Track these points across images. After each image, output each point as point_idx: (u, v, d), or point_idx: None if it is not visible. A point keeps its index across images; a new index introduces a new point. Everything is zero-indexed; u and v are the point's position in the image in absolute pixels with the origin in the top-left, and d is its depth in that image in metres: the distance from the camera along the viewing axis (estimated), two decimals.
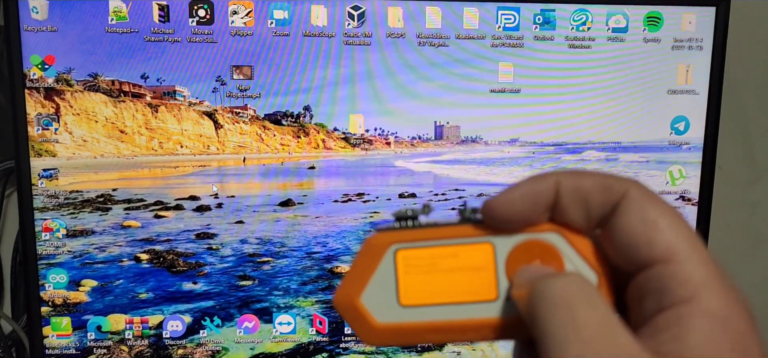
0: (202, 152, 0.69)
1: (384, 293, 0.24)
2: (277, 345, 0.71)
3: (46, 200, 0.67)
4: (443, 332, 0.23)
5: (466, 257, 0.23)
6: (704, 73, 0.69)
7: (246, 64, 0.65)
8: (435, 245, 0.23)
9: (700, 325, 0.18)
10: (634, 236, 0.20)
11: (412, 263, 0.24)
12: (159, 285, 0.69)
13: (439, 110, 0.68)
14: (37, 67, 0.64)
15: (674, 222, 0.20)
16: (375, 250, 0.24)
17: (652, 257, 0.20)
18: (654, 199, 0.21)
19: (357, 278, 0.24)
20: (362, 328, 0.24)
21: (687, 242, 0.19)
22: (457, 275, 0.23)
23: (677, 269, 0.19)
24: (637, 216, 0.20)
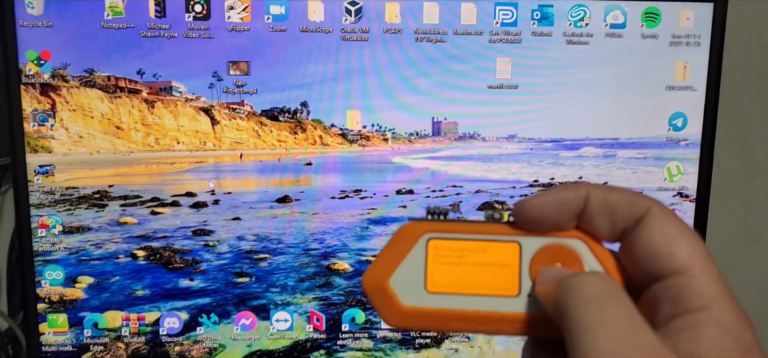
0: (198, 148, 0.68)
1: (412, 278, 0.25)
2: (274, 342, 0.71)
3: (42, 196, 0.66)
4: (464, 321, 0.25)
5: (493, 253, 0.25)
6: (702, 69, 0.69)
7: (243, 59, 0.65)
8: (465, 238, 0.25)
9: (713, 332, 0.20)
10: (656, 248, 0.22)
11: (441, 253, 0.25)
12: (155, 282, 0.69)
13: (436, 106, 0.68)
14: (33, 63, 0.64)
15: (691, 239, 0.22)
16: (409, 237, 0.25)
17: (671, 268, 0.22)
18: (674, 217, 0.23)
19: (388, 261, 0.25)
20: (388, 309, 0.25)
21: (702, 258, 0.22)
22: (482, 269, 0.25)
23: (693, 282, 0.21)
24: (659, 231, 0.23)
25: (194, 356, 0.70)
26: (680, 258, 0.22)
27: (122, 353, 0.70)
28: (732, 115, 0.87)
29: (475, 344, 0.73)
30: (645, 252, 0.23)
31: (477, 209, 0.67)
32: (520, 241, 0.25)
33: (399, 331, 0.70)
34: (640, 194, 0.24)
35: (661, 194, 0.72)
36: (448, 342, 0.72)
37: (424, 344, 0.72)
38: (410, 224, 0.26)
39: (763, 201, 0.91)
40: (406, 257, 0.25)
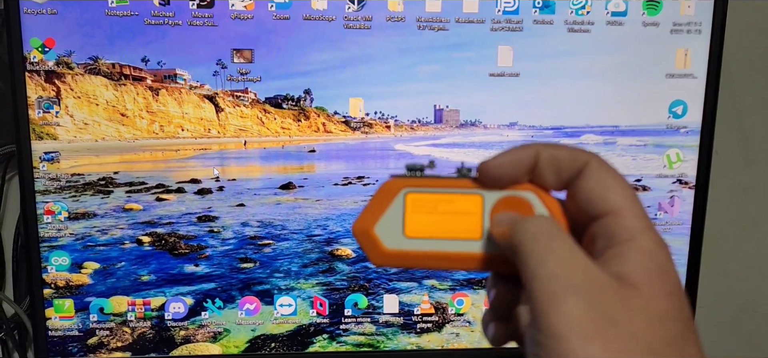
0: (203, 136, 0.69)
1: (393, 225, 0.30)
2: (278, 327, 0.72)
3: (48, 183, 0.67)
4: (436, 259, 0.30)
5: (460, 204, 0.30)
6: (702, 57, 0.69)
7: (247, 47, 0.66)
8: (437, 192, 0.30)
9: (636, 256, 0.25)
10: (593, 194, 0.27)
11: (417, 204, 0.30)
12: (161, 267, 0.69)
13: (438, 94, 0.68)
14: (38, 50, 0.64)
15: (622, 186, 0.27)
16: (390, 191, 0.30)
17: (605, 210, 0.26)
18: (608, 167, 0.27)
19: (373, 211, 0.30)
20: (373, 251, 0.30)
21: (630, 200, 0.26)
22: (451, 217, 0.30)
23: (622, 220, 0.26)
24: (595, 179, 0.27)
25: (199, 340, 0.71)
26: (612, 201, 0.26)
27: (128, 337, 0.71)
28: (731, 103, 0.87)
29: (475, 328, 0.74)
30: (584, 197, 0.27)
31: None
32: (483, 193, 0.29)
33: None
34: (581, 149, 0.28)
35: (660, 181, 0.73)
36: (449, 327, 0.73)
37: (426, 329, 0.73)
38: (392, 181, 0.30)
39: (760, 189, 0.92)
40: (388, 207, 0.30)
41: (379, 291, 0.72)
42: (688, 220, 0.73)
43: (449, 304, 0.73)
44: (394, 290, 0.72)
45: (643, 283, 0.25)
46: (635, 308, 0.24)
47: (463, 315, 0.74)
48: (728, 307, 0.96)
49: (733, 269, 0.94)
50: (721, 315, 0.96)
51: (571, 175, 0.28)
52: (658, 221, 0.73)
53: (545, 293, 0.24)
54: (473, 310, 0.74)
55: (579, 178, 0.27)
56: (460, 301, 0.73)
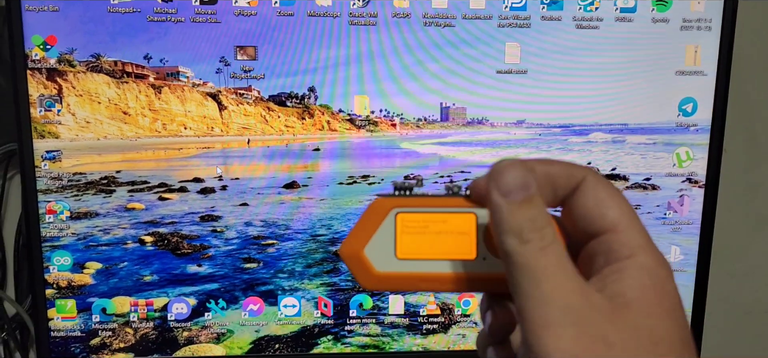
0: (206, 134, 0.68)
1: (383, 247, 0.29)
2: (282, 328, 0.71)
3: (50, 182, 0.66)
4: (430, 282, 0.29)
5: (453, 223, 0.29)
6: (712, 54, 0.68)
7: (250, 44, 0.65)
8: (428, 211, 0.29)
9: (635, 273, 0.25)
10: (590, 211, 0.26)
11: (408, 224, 0.29)
12: (163, 268, 0.69)
13: (445, 91, 0.68)
14: (39, 48, 0.63)
15: (619, 201, 0.26)
16: (379, 211, 0.29)
17: (603, 227, 0.26)
18: (605, 183, 0.27)
19: (362, 233, 0.29)
20: (363, 274, 0.29)
21: (628, 216, 0.26)
22: (444, 237, 0.29)
23: (620, 237, 0.25)
24: (592, 196, 0.26)
25: (202, 341, 0.70)
26: (610, 218, 0.26)
27: (131, 338, 0.70)
28: (740, 101, 0.86)
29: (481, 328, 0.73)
30: (581, 215, 0.27)
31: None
32: (476, 212, 0.29)
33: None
34: (576, 164, 0.27)
35: (670, 180, 0.72)
36: (455, 328, 0.73)
37: (432, 330, 0.72)
38: (380, 201, 0.29)
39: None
40: (377, 229, 0.29)
41: (385, 292, 0.71)
42: (698, 219, 0.72)
43: (455, 305, 0.72)
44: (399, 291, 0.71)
45: (638, 300, 0.24)
46: (629, 328, 0.23)
47: (469, 316, 0.73)
48: (737, 308, 0.95)
49: (741, 270, 0.93)
50: (730, 316, 0.95)
51: (567, 192, 0.27)
52: (667, 221, 0.72)
53: (539, 316, 0.24)
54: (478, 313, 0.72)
55: (575, 194, 0.27)
56: (467, 302, 0.72)
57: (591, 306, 0.24)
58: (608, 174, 0.71)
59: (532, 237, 0.24)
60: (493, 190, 0.25)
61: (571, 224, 0.27)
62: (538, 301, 0.24)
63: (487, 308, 0.30)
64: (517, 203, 0.25)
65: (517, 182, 0.25)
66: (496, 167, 0.26)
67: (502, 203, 0.25)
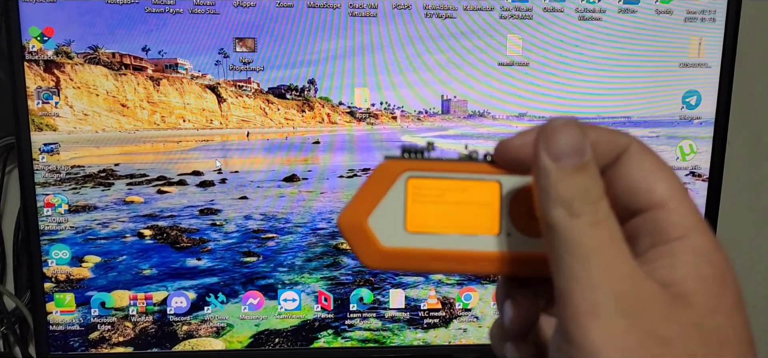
0: (204, 127, 0.68)
1: (391, 218, 0.25)
2: (282, 322, 0.71)
3: (48, 175, 0.66)
4: (444, 260, 0.25)
5: (474, 192, 0.25)
6: (717, 46, 0.68)
7: (249, 36, 0.64)
8: (445, 177, 0.25)
9: (690, 257, 0.22)
10: (636, 183, 0.23)
11: (421, 192, 0.25)
12: (163, 261, 0.68)
13: (446, 84, 0.67)
14: (37, 40, 0.63)
15: (669, 174, 0.23)
16: (387, 175, 0.25)
17: (650, 202, 0.23)
18: (652, 153, 0.24)
19: (366, 201, 0.25)
20: (366, 250, 0.25)
21: (679, 191, 0.23)
22: (462, 208, 0.25)
23: (671, 214, 0.22)
24: (638, 167, 0.23)
25: (202, 335, 0.70)
26: (659, 192, 0.23)
27: (130, 332, 0.70)
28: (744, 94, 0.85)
29: (482, 323, 0.72)
30: (625, 188, 0.23)
31: None
32: (501, 180, 0.25)
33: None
34: (619, 131, 0.24)
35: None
36: (456, 323, 0.72)
37: (433, 324, 0.72)
38: (389, 163, 0.25)
39: None
40: (384, 196, 0.25)
41: (385, 286, 0.71)
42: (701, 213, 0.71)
43: (457, 299, 0.72)
44: (400, 285, 0.71)
45: (699, 294, 0.21)
46: (689, 325, 0.21)
47: (470, 310, 0.72)
48: None
49: (745, 264, 0.93)
50: None
51: (608, 161, 0.24)
52: None
53: (585, 302, 0.20)
54: (481, 305, 0.72)
55: (618, 164, 0.23)
56: (468, 296, 0.72)
57: (645, 296, 0.21)
58: None
59: (584, 210, 0.21)
60: (543, 151, 0.22)
61: (611, 197, 0.23)
62: (585, 284, 0.21)
63: (507, 295, 0.27)
64: (569, 170, 0.21)
65: (572, 145, 0.21)
66: (549, 125, 0.22)
67: (552, 167, 0.21)
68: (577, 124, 0.22)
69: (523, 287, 0.26)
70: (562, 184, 0.21)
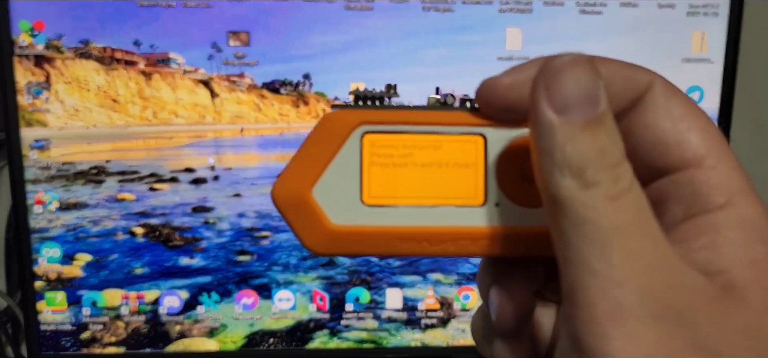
0: (197, 122, 0.66)
1: (343, 187, 0.19)
2: (277, 322, 0.69)
3: (38, 172, 0.65)
4: (414, 241, 0.19)
5: (451, 150, 0.19)
6: (720, 41, 0.66)
7: (243, 29, 0.63)
8: (412, 131, 0.19)
9: (736, 234, 0.16)
10: (663, 135, 0.18)
11: (381, 151, 0.19)
12: (155, 260, 0.67)
13: (444, 78, 0.66)
14: (27, 34, 0.62)
15: (704, 122, 0.18)
16: (336, 131, 0.19)
17: (683, 159, 0.18)
18: (681, 95, 0.18)
19: (308, 166, 0.19)
20: (310, 229, 0.19)
21: (718, 144, 0.18)
22: (436, 172, 0.19)
23: (710, 175, 0.17)
24: (664, 113, 0.18)
25: (195, 335, 0.69)
26: (693, 146, 0.18)
27: (122, 332, 0.68)
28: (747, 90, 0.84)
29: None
30: (648, 140, 0.18)
31: None
32: (486, 133, 0.19)
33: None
34: (637, 66, 0.19)
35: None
36: (454, 323, 0.71)
37: (431, 325, 0.71)
38: (337, 114, 0.19)
39: None
40: (334, 158, 0.19)
41: (382, 286, 0.70)
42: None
43: (455, 299, 0.71)
44: (397, 285, 0.70)
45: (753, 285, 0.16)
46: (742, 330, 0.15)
47: (469, 310, 0.71)
48: None
49: None
50: None
51: (624, 106, 0.18)
52: None
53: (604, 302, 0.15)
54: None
55: (638, 110, 0.18)
56: (467, 296, 0.71)
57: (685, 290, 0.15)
58: None
59: (600, 178, 0.16)
60: (543, 100, 0.16)
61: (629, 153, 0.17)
62: (605, 278, 0.15)
63: (493, 280, 0.21)
64: (579, 125, 0.16)
65: (583, 92, 0.16)
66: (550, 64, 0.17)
67: (556, 122, 0.16)
68: (588, 61, 0.17)
69: (514, 269, 0.21)
70: (571, 144, 0.16)
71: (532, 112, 0.17)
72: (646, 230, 0.16)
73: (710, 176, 0.17)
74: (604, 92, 0.16)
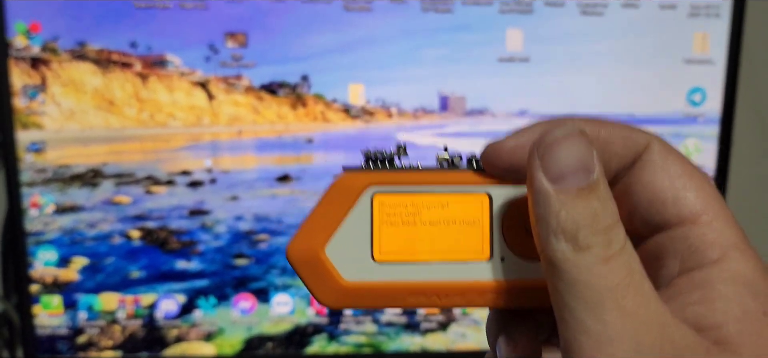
0: (194, 125, 0.66)
1: (355, 245, 0.21)
2: (275, 326, 0.69)
3: (34, 174, 0.64)
4: (423, 295, 0.21)
5: (457, 208, 0.21)
6: (721, 41, 0.66)
7: (240, 31, 0.62)
8: (420, 191, 0.21)
9: (730, 289, 0.17)
10: (660, 192, 0.19)
11: (391, 210, 0.21)
12: (151, 263, 0.66)
13: (443, 80, 0.65)
14: (23, 36, 0.61)
15: (700, 180, 0.19)
16: (347, 192, 0.20)
17: (679, 216, 0.19)
18: (677, 154, 0.20)
19: (321, 225, 0.20)
20: (324, 286, 0.21)
21: (714, 201, 0.19)
22: (444, 229, 0.21)
23: (705, 231, 0.18)
24: (661, 171, 0.19)
25: (192, 339, 0.68)
26: (689, 203, 0.19)
27: (119, 336, 0.68)
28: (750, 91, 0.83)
29: (482, 328, 0.71)
30: (646, 198, 0.19)
31: None
32: (491, 192, 0.21)
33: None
34: (637, 127, 0.20)
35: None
36: (454, 326, 0.70)
37: (430, 329, 0.70)
38: (348, 176, 0.21)
39: None
40: (345, 218, 0.20)
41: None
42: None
43: None
44: None
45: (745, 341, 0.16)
46: None
47: (468, 315, 0.70)
48: None
49: None
50: None
51: (623, 164, 0.20)
52: None
53: None
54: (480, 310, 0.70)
55: (636, 168, 0.19)
56: None
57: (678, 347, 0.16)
58: None
59: (593, 242, 0.17)
60: (538, 171, 0.18)
61: (628, 209, 0.20)
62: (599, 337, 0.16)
63: (500, 330, 0.22)
64: (573, 193, 0.17)
65: (576, 162, 0.17)
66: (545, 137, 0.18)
67: (551, 191, 0.17)
68: (581, 134, 0.18)
69: (521, 319, 0.22)
70: (565, 210, 0.17)
71: (529, 180, 0.18)
72: (639, 289, 0.17)
73: (706, 232, 0.18)
74: (597, 161, 0.18)
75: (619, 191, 0.20)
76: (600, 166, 0.18)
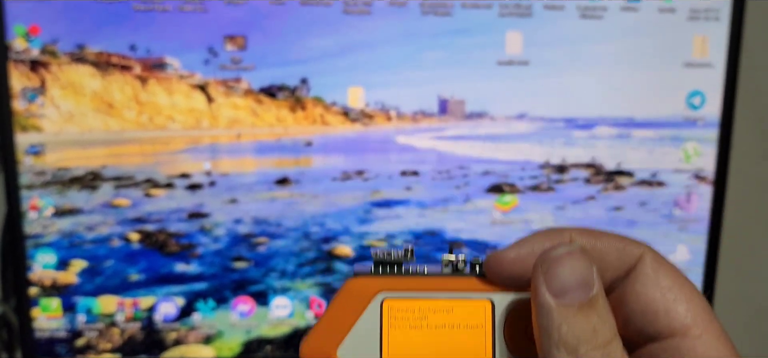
0: (193, 127, 0.66)
1: (365, 347, 0.22)
2: (274, 329, 0.69)
3: (34, 177, 0.64)
4: None
5: (462, 313, 0.22)
6: (721, 45, 0.66)
7: (239, 33, 0.62)
8: (428, 297, 0.22)
9: None
10: (652, 304, 0.20)
11: (399, 315, 0.22)
12: (150, 266, 0.66)
13: (443, 83, 0.65)
14: (22, 38, 0.61)
15: (690, 292, 0.20)
16: (358, 297, 0.22)
17: (670, 328, 0.20)
18: (669, 266, 0.21)
19: (334, 328, 0.22)
20: None
21: (704, 314, 0.20)
22: (449, 333, 0.22)
23: (695, 344, 0.19)
24: (653, 283, 0.20)
25: (191, 342, 0.68)
26: (680, 316, 0.20)
27: (117, 339, 0.68)
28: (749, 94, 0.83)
29: None
30: (639, 308, 0.20)
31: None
32: (493, 298, 0.22)
33: None
34: (630, 238, 0.21)
35: (677, 176, 0.69)
36: None
37: None
38: (359, 281, 0.22)
39: None
40: (356, 322, 0.22)
41: None
42: (706, 217, 0.70)
43: None
44: None
45: None
46: None
47: None
48: (746, 309, 0.92)
49: (750, 268, 0.91)
50: (739, 316, 0.92)
51: (617, 275, 0.21)
52: (674, 219, 0.70)
53: None
54: None
55: (630, 279, 0.21)
56: None
57: None
58: (614, 170, 0.69)
59: (593, 355, 0.18)
60: (542, 286, 0.19)
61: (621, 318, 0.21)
62: None
63: None
64: (574, 308, 0.19)
65: (577, 279, 0.19)
66: (549, 255, 0.20)
67: (553, 305, 0.19)
68: (582, 251, 0.19)
69: None
70: (566, 325, 0.19)
71: (533, 294, 0.20)
72: None
73: (696, 345, 0.19)
74: (597, 277, 0.19)
75: (614, 300, 0.21)
76: (599, 282, 0.19)
